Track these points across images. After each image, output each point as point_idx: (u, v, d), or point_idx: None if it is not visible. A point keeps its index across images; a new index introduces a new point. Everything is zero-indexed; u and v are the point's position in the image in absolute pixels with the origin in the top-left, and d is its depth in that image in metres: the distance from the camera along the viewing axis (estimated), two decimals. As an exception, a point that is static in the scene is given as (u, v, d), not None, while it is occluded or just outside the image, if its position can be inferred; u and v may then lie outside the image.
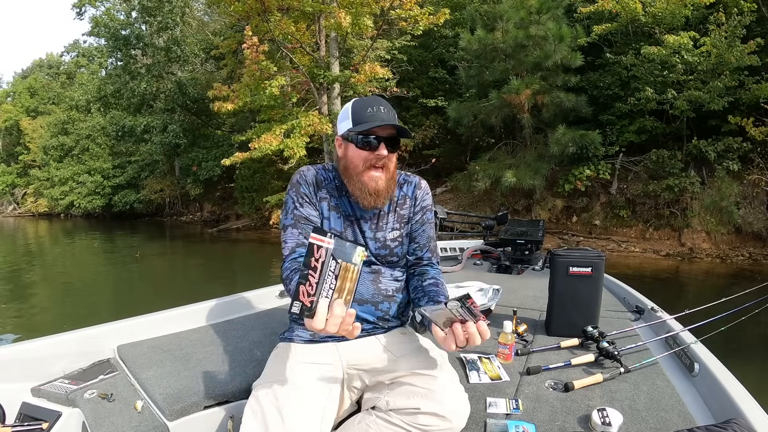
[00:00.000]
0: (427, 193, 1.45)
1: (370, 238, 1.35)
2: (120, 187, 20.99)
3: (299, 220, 1.30)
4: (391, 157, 1.31)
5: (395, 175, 1.36)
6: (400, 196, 1.41)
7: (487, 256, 3.42)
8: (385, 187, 1.30)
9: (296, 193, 1.33)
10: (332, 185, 1.37)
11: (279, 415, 1.07)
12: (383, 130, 1.28)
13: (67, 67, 30.76)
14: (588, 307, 1.81)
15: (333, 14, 9.43)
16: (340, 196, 1.36)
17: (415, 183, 1.44)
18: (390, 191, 1.34)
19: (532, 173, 9.32)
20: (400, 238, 1.38)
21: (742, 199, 8.69)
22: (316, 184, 1.35)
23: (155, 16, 15.84)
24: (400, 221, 1.39)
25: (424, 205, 1.43)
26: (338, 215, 1.35)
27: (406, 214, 1.40)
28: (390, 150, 1.29)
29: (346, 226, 1.35)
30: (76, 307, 6.56)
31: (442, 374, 1.22)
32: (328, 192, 1.35)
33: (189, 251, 12.75)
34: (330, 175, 1.38)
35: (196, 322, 1.91)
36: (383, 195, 1.30)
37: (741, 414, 1.16)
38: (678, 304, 4.92)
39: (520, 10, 9.35)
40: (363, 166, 1.28)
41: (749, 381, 1.37)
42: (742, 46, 8.28)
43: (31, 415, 1.28)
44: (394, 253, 1.37)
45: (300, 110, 10.81)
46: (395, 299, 1.37)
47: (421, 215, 1.42)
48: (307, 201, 1.33)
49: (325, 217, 1.34)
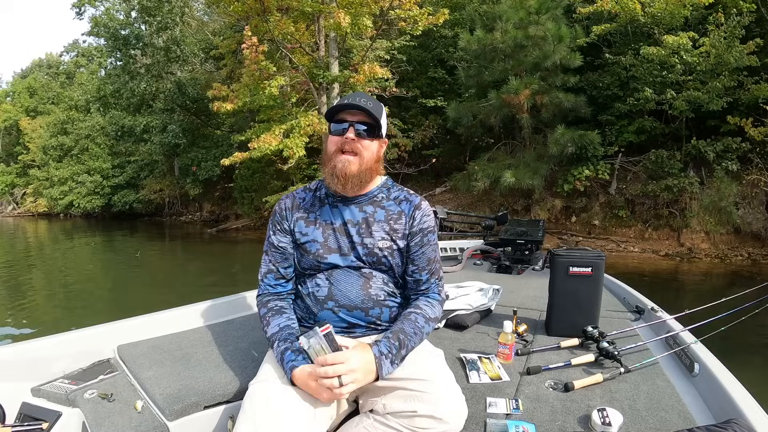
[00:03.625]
0: (427, 215, 1.38)
1: (358, 243, 1.33)
2: (119, 187, 20.98)
3: (270, 247, 1.41)
4: (364, 143, 1.29)
5: (375, 165, 1.33)
6: (395, 211, 1.37)
7: (487, 256, 3.42)
8: (356, 173, 1.28)
9: (272, 222, 1.43)
10: (311, 201, 1.41)
11: (270, 415, 1.08)
12: (352, 115, 1.28)
13: (66, 67, 30.76)
14: (588, 307, 1.81)
15: (332, 14, 9.42)
16: (321, 206, 1.39)
17: (415, 203, 1.39)
18: (363, 180, 1.32)
19: (531, 173, 9.33)
20: (390, 250, 1.34)
21: (741, 200, 8.70)
22: (292, 208, 1.41)
23: (155, 16, 15.83)
24: (392, 234, 1.34)
25: (423, 227, 1.37)
26: (317, 227, 1.36)
27: (400, 230, 1.35)
28: (360, 135, 1.28)
29: (327, 235, 1.35)
30: (76, 307, 6.55)
31: (439, 376, 1.22)
32: (305, 210, 1.39)
33: (188, 251, 12.74)
34: (309, 194, 1.43)
35: (196, 322, 1.91)
36: (353, 180, 1.29)
37: (741, 414, 1.16)
38: (678, 304, 4.93)
39: (519, 11, 9.35)
40: (333, 148, 1.30)
41: (749, 381, 1.37)
42: (741, 47, 8.29)
43: (31, 415, 1.28)
44: (382, 262, 1.34)
45: (299, 110, 10.80)
46: (386, 304, 1.36)
47: (421, 237, 1.37)
48: (279, 229, 1.40)
49: (303, 234, 1.36)
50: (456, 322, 1.96)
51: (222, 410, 1.38)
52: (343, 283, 1.32)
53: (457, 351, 1.70)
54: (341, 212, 1.36)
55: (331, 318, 1.32)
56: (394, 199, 1.40)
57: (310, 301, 1.36)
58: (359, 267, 1.34)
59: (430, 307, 1.34)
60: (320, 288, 1.33)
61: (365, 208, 1.36)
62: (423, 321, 1.29)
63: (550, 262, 1.89)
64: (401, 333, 1.23)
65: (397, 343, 1.20)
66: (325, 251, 1.33)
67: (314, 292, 1.34)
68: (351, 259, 1.33)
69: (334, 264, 1.33)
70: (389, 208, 1.37)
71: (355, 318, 1.33)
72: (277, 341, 1.26)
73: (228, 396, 1.39)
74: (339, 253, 1.33)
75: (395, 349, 1.19)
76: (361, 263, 1.33)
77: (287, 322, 1.31)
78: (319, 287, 1.33)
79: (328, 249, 1.33)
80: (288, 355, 1.20)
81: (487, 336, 1.86)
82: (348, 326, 1.34)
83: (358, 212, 1.36)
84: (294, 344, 1.23)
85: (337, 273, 1.33)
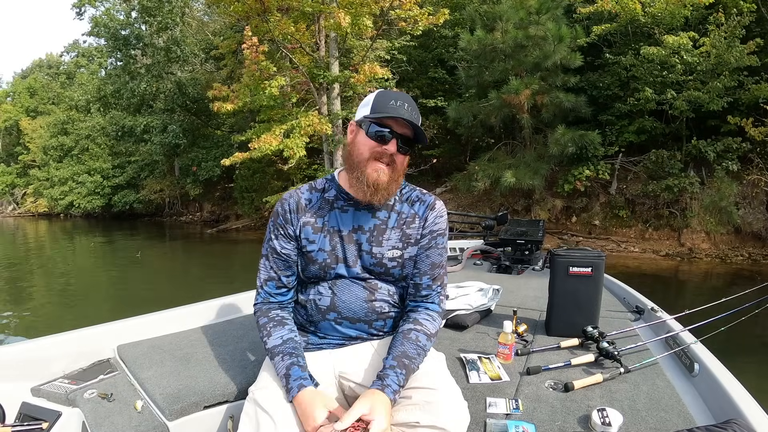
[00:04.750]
0: (440, 217, 1.32)
1: (366, 251, 1.27)
2: (119, 187, 20.98)
3: (272, 252, 1.30)
4: (400, 157, 1.23)
5: (400, 178, 1.26)
6: (409, 214, 1.31)
7: (487, 256, 3.42)
8: (386, 184, 1.21)
9: (273, 224, 1.31)
10: (318, 204, 1.30)
11: (272, 422, 1.07)
12: (399, 127, 1.20)
13: (66, 67, 30.75)
14: (588, 307, 1.81)
15: (332, 14, 9.42)
16: (330, 210, 1.29)
17: (429, 203, 1.32)
18: (390, 192, 1.25)
19: (531, 173, 9.32)
20: (399, 259, 1.28)
21: (741, 200, 8.69)
22: (298, 210, 1.29)
23: (155, 16, 15.81)
24: (404, 241, 1.28)
25: (434, 228, 1.31)
26: (325, 234, 1.28)
27: (412, 234, 1.29)
28: (401, 150, 1.21)
29: (335, 243, 1.27)
30: (76, 307, 6.56)
31: (441, 385, 1.19)
32: (312, 214, 1.29)
33: (189, 251, 12.74)
34: (316, 195, 1.32)
35: (196, 322, 1.91)
36: (382, 192, 1.21)
37: (741, 414, 1.16)
38: (678, 305, 4.92)
39: (519, 11, 9.35)
40: (368, 154, 1.20)
41: (749, 381, 1.37)
42: (741, 47, 8.29)
43: (31, 414, 1.28)
44: (390, 273, 1.29)
45: (300, 110, 10.81)
46: (390, 316, 1.33)
47: (429, 239, 1.30)
48: (282, 233, 1.29)
49: (310, 241, 1.27)
50: (456, 322, 1.96)
51: (222, 410, 1.38)
52: (346, 293, 1.27)
53: (457, 351, 1.70)
54: (351, 218, 1.28)
55: (331, 330, 1.30)
56: (406, 200, 1.33)
57: (311, 309, 1.31)
58: (365, 278, 1.28)
59: (430, 322, 1.28)
60: (322, 297, 1.28)
61: (378, 214, 1.29)
62: (425, 339, 1.24)
63: (550, 262, 1.89)
64: (405, 358, 1.18)
65: (404, 372, 1.16)
66: (333, 261, 1.26)
67: (316, 300, 1.29)
68: (357, 270, 1.27)
69: (340, 274, 1.28)
70: (402, 211, 1.31)
71: (357, 330, 1.30)
72: (281, 355, 1.19)
73: (228, 396, 1.39)
74: (345, 263, 1.27)
75: (403, 380, 1.15)
76: (367, 274, 1.28)
77: (290, 335, 1.25)
78: (321, 296, 1.29)
79: (335, 258, 1.27)
80: (295, 370, 1.15)
81: (487, 336, 1.86)
82: (348, 339, 1.31)
83: (370, 218, 1.28)
84: (300, 359, 1.18)
85: (341, 283, 1.28)
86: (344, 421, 1.00)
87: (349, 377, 1.27)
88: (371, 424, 1.01)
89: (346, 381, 1.27)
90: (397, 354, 1.18)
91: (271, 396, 1.14)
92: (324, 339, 1.32)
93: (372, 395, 1.08)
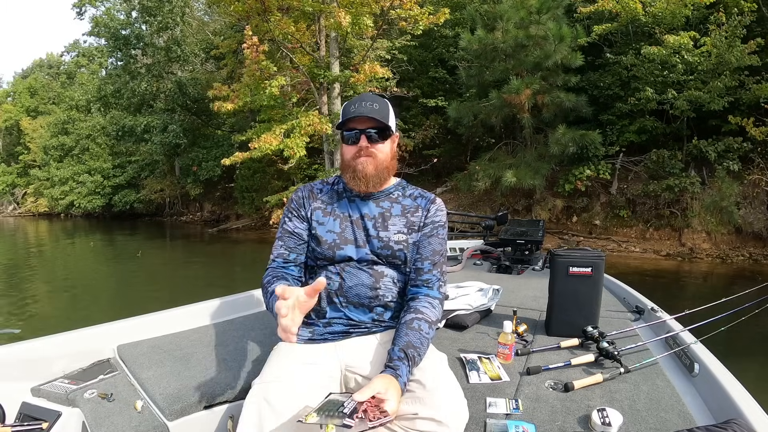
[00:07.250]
0: (440, 210, 1.45)
1: (374, 236, 1.36)
2: (120, 187, 21.00)
3: (285, 233, 1.42)
4: (377, 145, 1.34)
5: (390, 163, 1.39)
6: (412, 205, 1.43)
7: (487, 256, 3.41)
8: (373, 172, 1.34)
9: (288, 209, 1.45)
10: (329, 194, 1.44)
11: (274, 414, 1.09)
12: (363, 123, 1.33)
13: (67, 67, 30.78)
14: (588, 307, 1.81)
15: (333, 14, 9.42)
16: (339, 200, 1.42)
17: (430, 198, 1.46)
18: (383, 178, 1.38)
19: (532, 173, 9.32)
20: (405, 243, 1.37)
21: (742, 199, 8.68)
22: (310, 197, 1.44)
23: (155, 16, 15.84)
24: (408, 227, 1.39)
25: (435, 219, 1.42)
26: (334, 218, 1.39)
27: (416, 222, 1.40)
28: (371, 139, 1.33)
29: (345, 227, 1.38)
30: (76, 307, 6.56)
31: (441, 378, 1.22)
32: (323, 200, 1.43)
33: (189, 251, 12.75)
34: (327, 187, 1.46)
35: (196, 322, 1.91)
36: (371, 179, 1.35)
37: (741, 414, 1.16)
38: (678, 305, 4.91)
39: (520, 10, 9.34)
40: (349, 156, 1.36)
41: (749, 381, 1.37)
42: (742, 46, 8.28)
43: (31, 414, 1.28)
44: (396, 255, 1.36)
45: (300, 110, 10.80)
46: (391, 306, 1.37)
47: (431, 229, 1.41)
48: (296, 215, 1.42)
49: (320, 223, 1.39)
50: (456, 322, 1.96)
51: (222, 410, 1.38)
52: (354, 279, 1.33)
53: (456, 351, 1.70)
54: (358, 206, 1.40)
55: (337, 314, 1.34)
56: (409, 196, 1.45)
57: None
58: (372, 262, 1.35)
59: (430, 309, 1.32)
60: (331, 281, 1.34)
61: (382, 204, 1.41)
62: (427, 327, 1.28)
63: (550, 262, 1.89)
64: (411, 348, 1.21)
65: (410, 365, 1.19)
66: (342, 242, 1.35)
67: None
68: (365, 251, 1.35)
69: (348, 256, 1.34)
70: (405, 204, 1.43)
71: (360, 314, 1.34)
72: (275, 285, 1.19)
73: (228, 396, 1.39)
74: (354, 244, 1.35)
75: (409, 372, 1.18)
76: (375, 257, 1.35)
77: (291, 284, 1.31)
78: (330, 280, 1.33)
79: (344, 240, 1.35)
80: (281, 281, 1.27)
81: (487, 336, 1.86)
82: (352, 326, 1.34)
83: (375, 207, 1.40)
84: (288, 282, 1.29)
85: (349, 268, 1.34)
86: (363, 393, 1.04)
87: (355, 370, 1.29)
88: (385, 403, 1.04)
89: (353, 374, 1.29)
90: (403, 345, 1.22)
91: (275, 389, 1.15)
92: (328, 327, 1.34)
93: (388, 379, 1.12)
